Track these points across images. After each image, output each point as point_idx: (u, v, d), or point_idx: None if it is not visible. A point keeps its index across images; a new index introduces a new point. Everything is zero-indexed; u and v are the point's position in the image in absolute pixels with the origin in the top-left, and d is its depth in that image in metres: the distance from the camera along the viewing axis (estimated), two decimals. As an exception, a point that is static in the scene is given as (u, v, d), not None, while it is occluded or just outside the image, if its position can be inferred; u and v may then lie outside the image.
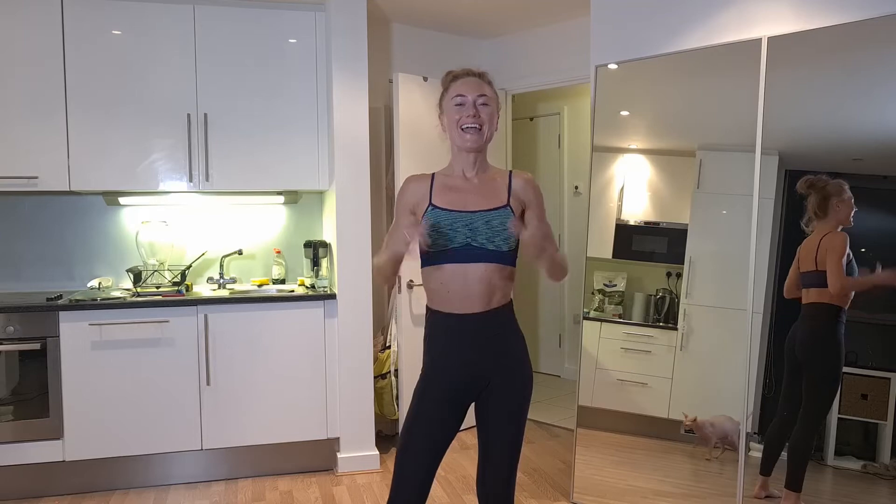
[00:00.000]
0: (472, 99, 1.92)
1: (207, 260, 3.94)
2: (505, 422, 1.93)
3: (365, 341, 3.60)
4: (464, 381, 1.92)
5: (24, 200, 3.71)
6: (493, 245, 1.88)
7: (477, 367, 1.92)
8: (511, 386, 1.93)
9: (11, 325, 3.20)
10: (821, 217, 2.49)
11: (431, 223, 1.88)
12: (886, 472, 2.37)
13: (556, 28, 4.30)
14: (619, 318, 3.07)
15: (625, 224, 3.06)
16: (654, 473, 2.89)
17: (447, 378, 1.91)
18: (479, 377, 1.92)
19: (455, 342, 1.91)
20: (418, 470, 1.88)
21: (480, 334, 1.91)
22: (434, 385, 1.92)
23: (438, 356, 1.93)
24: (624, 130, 3.07)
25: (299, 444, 3.57)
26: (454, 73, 1.99)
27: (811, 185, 2.51)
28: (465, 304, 1.89)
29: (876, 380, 2.40)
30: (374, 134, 4.05)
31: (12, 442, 3.20)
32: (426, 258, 1.91)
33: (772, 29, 2.64)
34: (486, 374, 1.92)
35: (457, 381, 1.92)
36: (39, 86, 3.37)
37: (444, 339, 1.92)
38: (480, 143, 1.93)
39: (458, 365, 1.91)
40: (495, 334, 1.92)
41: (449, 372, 1.91)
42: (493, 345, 1.92)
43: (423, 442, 1.89)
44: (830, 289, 2.44)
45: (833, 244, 2.45)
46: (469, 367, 1.91)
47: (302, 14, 3.66)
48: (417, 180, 1.98)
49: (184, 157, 3.55)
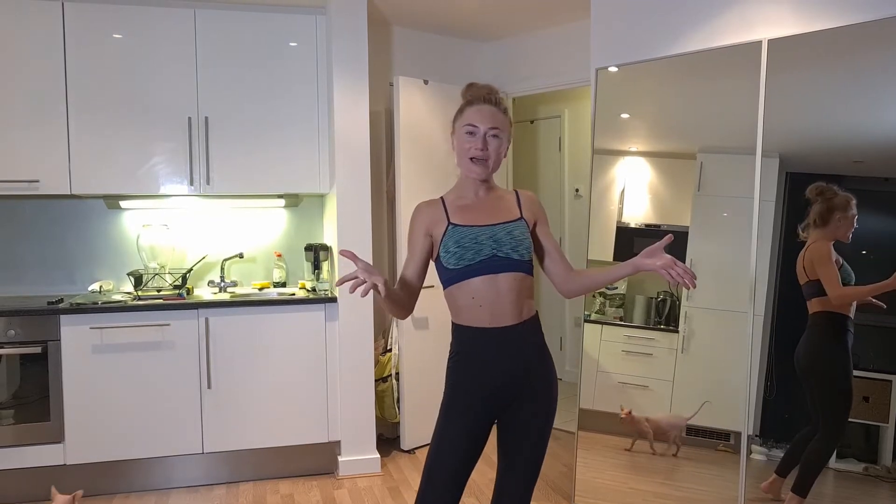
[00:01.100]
0: (483, 130, 1.90)
1: (208, 263, 3.95)
2: (532, 438, 1.90)
3: (366, 344, 3.60)
4: (495, 395, 1.88)
5: (26, 204, 3.72)
6: (518, 254, 1.89)
7: (511, 379, 1.88)
8: (542, 402, 1.91)
9: (12, 329, 3.20)
10: (819, 226, 2.47)
11: (455, 240, 1.88)
12: (888, 475, 2.36)
13: (556, 31, 4.31)
14: (620, 320, 3.06)
15: (626, 226, 3.06)
16: (655, 476, 2.89)
17: (479, 393, 1.87)
18: (511, 390, 1.89)
19: (489, 354, 1.88)
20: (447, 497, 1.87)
21: (514, 345, 1.88)
22: (462, 404, 1.88)
23: (471, 371, 1.89)
24: (624, 133, 3.07)
25: (300, 448, 3.57)
26: (472, 94, 1.96)
27: (820, 193, 2.48)
28: (498, 317, 1.87)
29: (877, 382, 2.39)
30: (374, 137, 4.05)
31: (13, 446, 3.20)
32: (451, 276, 1.89)
33: (772, 31, 2.64)
34: (518, 388, 1.89)
35: (488, 395, 1.88)
36: (40, 89, 3.37)
37: (477, 353, 1.89)
38: (486, 174, 1.93)
39: (491, 376, 1.88)
40: (529, 347, 1.91)
41: (482, 386, 1.87)
42: (527, 357, 1.90)
43: (450, 471, 1.86)
44: (830, 298, 2.43)
45: (819, 253, 2.44)
46: (503, 379, 1.88)
47: (302, 17, 3.66)
48: (428, 205, 1.97)
49: (185, 161, 3.56)
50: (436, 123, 3.96)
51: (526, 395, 1.90)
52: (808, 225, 2.51)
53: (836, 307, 2.43)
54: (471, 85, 2.00)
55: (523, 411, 1.90)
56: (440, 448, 1.87)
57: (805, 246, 2.50)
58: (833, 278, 2.41)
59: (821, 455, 2.47)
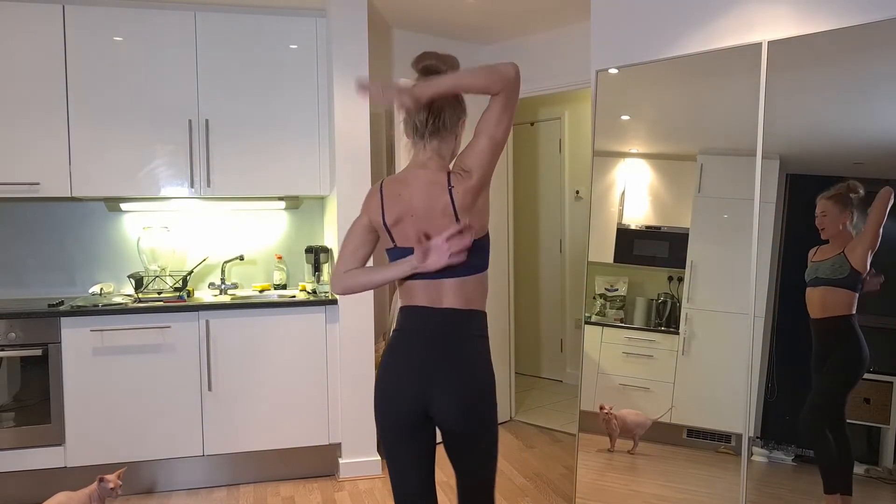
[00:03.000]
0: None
1: (209, 265, 3.95)
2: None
3: (366, 346, 3.60)
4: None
5: (26, 207, 3.72)
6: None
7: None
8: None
9: (13, 332, 3.20)
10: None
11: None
12: (889, 477, 2.36)
13: (556, 33, 4.31)
14: (621, 322, 3.06)
15: (626, 228, 3.06)
16: (656, 478, 2.89)
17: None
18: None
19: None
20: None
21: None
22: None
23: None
24: (625, 135, 3.08)
25: (301, 450, 3.57)
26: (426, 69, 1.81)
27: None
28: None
29: (878, 384, 2.39)
30: (374, 139, 4.06)
31: (14, 448, 3.20)
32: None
33: (772, 33, 2.64)
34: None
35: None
36: (41, 92, 3.38)
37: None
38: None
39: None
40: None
41: None
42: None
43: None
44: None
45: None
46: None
47: (303, 20, 3.67)
48: None
49: (185, 163, 3.56)
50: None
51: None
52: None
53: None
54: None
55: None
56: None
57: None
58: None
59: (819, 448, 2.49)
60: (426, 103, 1.75)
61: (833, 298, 2.46)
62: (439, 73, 1.74)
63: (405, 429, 1.74)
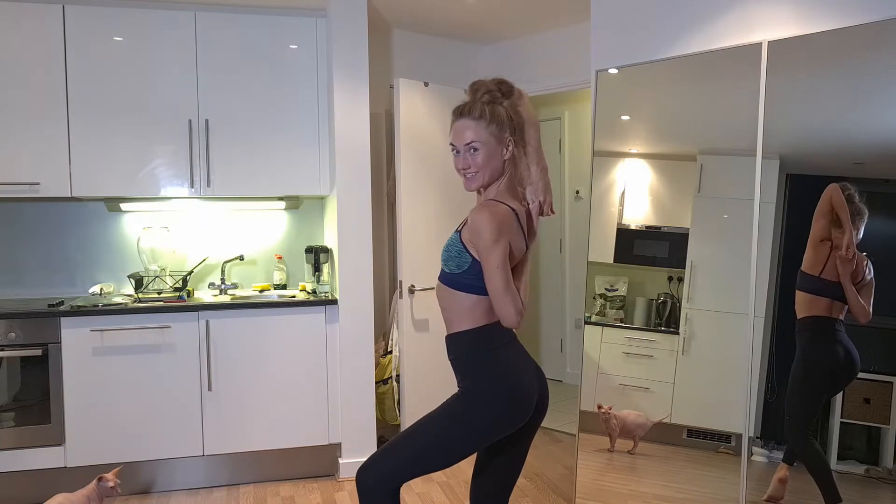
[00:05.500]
0: (461, 148, 1.91)
1: (209, 266, 3.95)
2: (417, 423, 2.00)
3: (366, 346, 3.60)
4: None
5: (26, 207, 3.72)
6: (447, 267, 1.88)
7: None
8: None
9: (13, 332, 3.20)
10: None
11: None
12: (889, 477, 2.36)
13: (556, 33, 4.31)
14: (621, 322, 3.06)
15: (626, 228, 3.06)
16: (656, 478, 2.89)
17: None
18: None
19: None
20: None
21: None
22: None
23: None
24: (625, 135, 3.08)
25: (301, 450, 3.57)
26: (457, 109, 1.96)
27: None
28: (446, 325, 1.95)
29: (878, 384, 2.39)
30: (375, 139, 4.06)
31: (14, 448, 3.20)
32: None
33: (772, 33, 2.64)
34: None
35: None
36: (41, 92, 3.38)
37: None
38: (476, 186, 1.93)
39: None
40: (452, 362, 1.94)
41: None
42: (454, 369, 1.95)
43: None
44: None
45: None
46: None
47: (303, 20, 3.67)
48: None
49: (185, 163, 3.56)
50: (436, 125, 3.96)
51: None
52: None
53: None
54: (471, 85, 2.00)
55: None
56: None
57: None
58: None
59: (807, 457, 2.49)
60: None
61: (798, 300, 2.53)
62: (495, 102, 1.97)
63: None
